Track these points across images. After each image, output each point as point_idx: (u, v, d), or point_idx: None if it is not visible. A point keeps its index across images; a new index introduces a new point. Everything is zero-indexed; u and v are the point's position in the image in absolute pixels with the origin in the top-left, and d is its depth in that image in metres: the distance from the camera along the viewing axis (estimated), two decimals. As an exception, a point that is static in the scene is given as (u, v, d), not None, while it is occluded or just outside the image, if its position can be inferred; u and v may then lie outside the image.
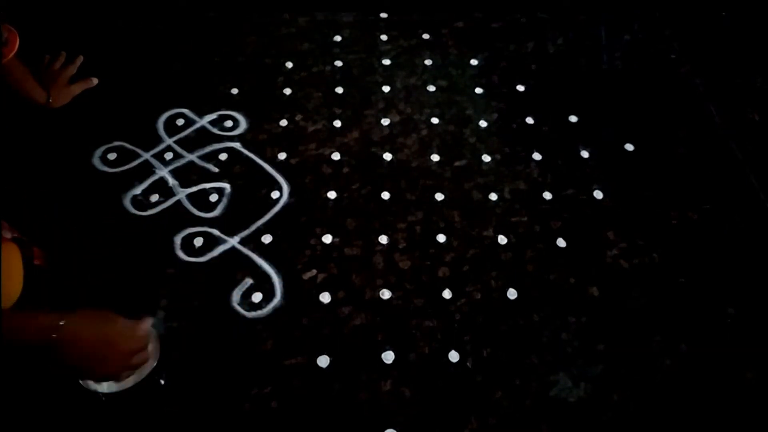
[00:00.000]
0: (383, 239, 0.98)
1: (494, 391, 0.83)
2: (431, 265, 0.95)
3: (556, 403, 0.82)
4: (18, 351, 0.67)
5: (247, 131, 1.11)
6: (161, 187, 1.02)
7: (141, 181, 1.02)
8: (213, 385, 0.82)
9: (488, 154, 1.09)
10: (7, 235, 0.84)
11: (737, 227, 1.01)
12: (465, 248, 0.97)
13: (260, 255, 0.95)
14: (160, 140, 1.08)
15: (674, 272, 0.95)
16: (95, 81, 1.14)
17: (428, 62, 1.23)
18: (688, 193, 1.05)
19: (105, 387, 0.74)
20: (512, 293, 0.92)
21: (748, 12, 1.34)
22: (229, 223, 0.98)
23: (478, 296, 0.92)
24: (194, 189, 1.02)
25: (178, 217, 0.99)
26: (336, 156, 1.08)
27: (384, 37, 1.27)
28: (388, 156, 1.09)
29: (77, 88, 1.12)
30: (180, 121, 1.11)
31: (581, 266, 0.96)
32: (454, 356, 0.86)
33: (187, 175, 1.04)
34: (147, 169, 1.04)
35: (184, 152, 1.07)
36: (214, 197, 1.01)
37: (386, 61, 1.23)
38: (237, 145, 1.08)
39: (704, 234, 1.00)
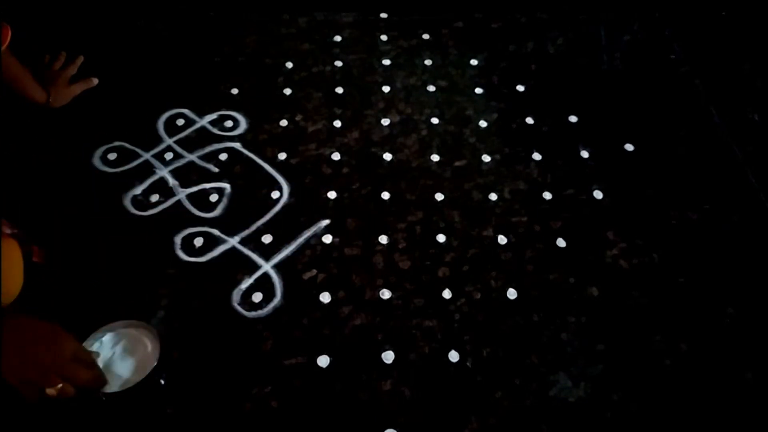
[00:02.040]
0: (383, 239, 0.98)
1: (494, 391, 0.83)
2: (431, 265, 0.95)
3: (556, 403, 0.82)
4: None
5: (247, 131, 1.11)
6: (161, 187, 1.02)
7: (141, 181, 1.02)
8: (213, 385, 0.82)
9: (488, 154, 1.09)
10: (7, 231, 0.84)
11: (737, 227, 1.01)
12: (465, 248, 0.97)
13: (260, 255, 0.95)
14: (160, 140, 1.08)
15: (674, 272, 0.95)
16: (95, 81, 1.14)
17: (428, 62, 1.23)
18: (688, 193, 1.05)
19: (105, 387, 0.74)
20: (512, 293, 0.92)
21: (748, 12, 1.34)
22: (229, 223, 0.98)
23: (478, 296, 0.92)
24: (194, 189, 1.02)
25: (178, 217, 0.99)
26: (336, 156, 1.08)
27: (384, 37, 1.27)
28: (388, 156, 1.09)
29: (77, 88, 1.12)
30: (180, 121, 1.11)
31: (581, 266, 0.96)
32: (454, 356, 0.86)
33: (187, 175, 1.04)
34: (147, 169, 1.04)
35: (184, 152, 1.07)
36: (214, 197, 1.01)
37: (386, 61, 1.23)
38: (237, 145, 1.09)
39: (704, 234, 1.00)
